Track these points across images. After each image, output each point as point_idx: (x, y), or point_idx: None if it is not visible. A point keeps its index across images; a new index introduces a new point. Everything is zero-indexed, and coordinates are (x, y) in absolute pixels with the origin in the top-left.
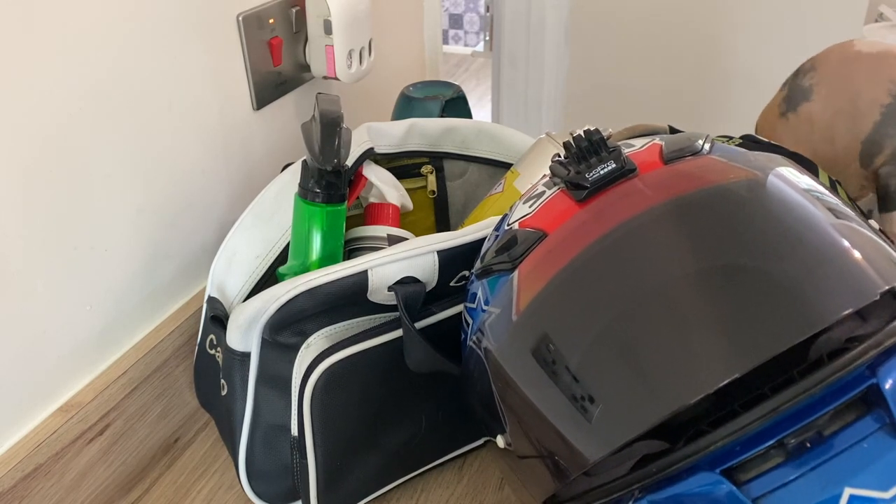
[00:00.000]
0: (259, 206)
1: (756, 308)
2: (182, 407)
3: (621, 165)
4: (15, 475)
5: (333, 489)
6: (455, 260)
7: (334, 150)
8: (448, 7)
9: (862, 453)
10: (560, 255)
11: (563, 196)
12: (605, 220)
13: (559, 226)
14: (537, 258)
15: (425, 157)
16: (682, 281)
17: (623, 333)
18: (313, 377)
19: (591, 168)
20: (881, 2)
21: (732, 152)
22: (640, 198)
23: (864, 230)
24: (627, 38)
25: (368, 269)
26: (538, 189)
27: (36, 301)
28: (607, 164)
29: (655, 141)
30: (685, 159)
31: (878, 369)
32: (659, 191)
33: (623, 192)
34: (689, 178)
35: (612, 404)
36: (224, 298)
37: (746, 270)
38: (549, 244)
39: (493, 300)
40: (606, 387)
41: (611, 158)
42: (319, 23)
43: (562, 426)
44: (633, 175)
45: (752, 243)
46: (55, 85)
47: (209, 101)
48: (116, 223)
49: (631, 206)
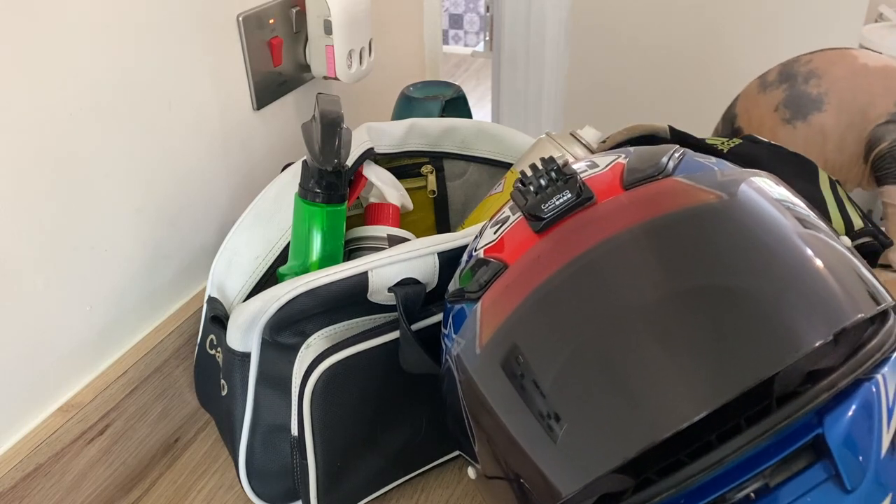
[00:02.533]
0: (259, 206)
1: (720, 339)
2: (182, 407)
3: (577, 195)
4: (15, 475)
5: (333, 489)
6: (455, 261)
7: (334, 151)
8: (448, 7)
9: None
10: (518, 289)
11: (524, 224)
12: (562, 253)
13: (518, 257)
14: (498, 290)
15: (425, 157)
16: (639, 312)
17: (580, 370)
18: (313, 377)
19: (548, 198)
20: (881, 2)
21: (699, 171)
22: (595, 228)
23: (836, 246)
24: (627, 38)
25: (369, 269)
26: (504, 213)
27: (36, 301)
28: (563, 194)
29: (620, 160)
30: (646, 183)
31: (826, 417)
32: (614, 220)
33: (579, 223)
34: (647, 205)
35: (570, 444)
36: (224, 298)
37: (707, 298)
38: (509, 276)
39: (460, 330)
40: (567, 426)
41: (566, 188)
42: (319, 23)
43: (519, 464)
44: (590, 203)
45: (711, 269)
46: (55, 85)
47: (209, 101)
48: (116, 223)
49: (587, 238)
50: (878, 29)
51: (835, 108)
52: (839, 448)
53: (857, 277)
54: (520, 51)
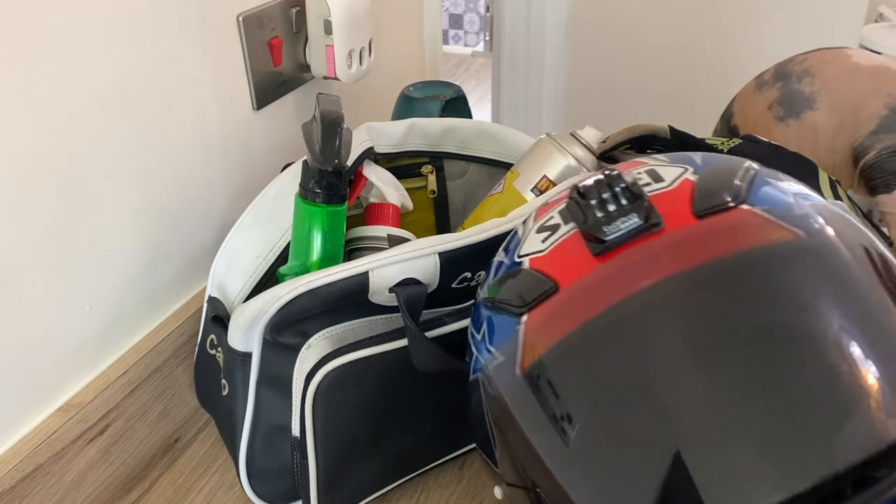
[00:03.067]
0: (259, 206)
1: (801, 416)
2: (182, 407)
3: (645, 220)
4: (15, 475)
5: (334, 490)
6: (456, 262)
7: (335, 151)
8: (448, 7)
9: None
10: (571, 316)
11: (579, 240)
12: (624, 285)
13: (573, 281)
14: (547, 313)
15: (425, 157)
16: (710, 371)
17: (631, 424)
18: (316, 378)
19: (611, 220)
20: (881, 2)
21: (775, 199)
22: (663, 261)
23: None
24: (627, 38)
25: (369, 270)
26: (552, 218)
27: (36, 301)
28: (629, 218)
29: (688, 176)
30: (720, 212)
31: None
32: (685, 254)
33: (646, 252)
34: (721, 240)
35: (607, 499)
36: (225, 298)
37: (790, 360)
38: (561, 300)
39: (497, 343)
40: (602, 480)
41: (633, 211)
42: (319, 23)
43: (549, 498)
44: (657, 229)
45: (795, 324)
46: (55, 85)
47: (209, 101)
48: (116, 223)
49: (654, 270)
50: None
51: (827, 106)
52: None
53: None
54: (520, 51)
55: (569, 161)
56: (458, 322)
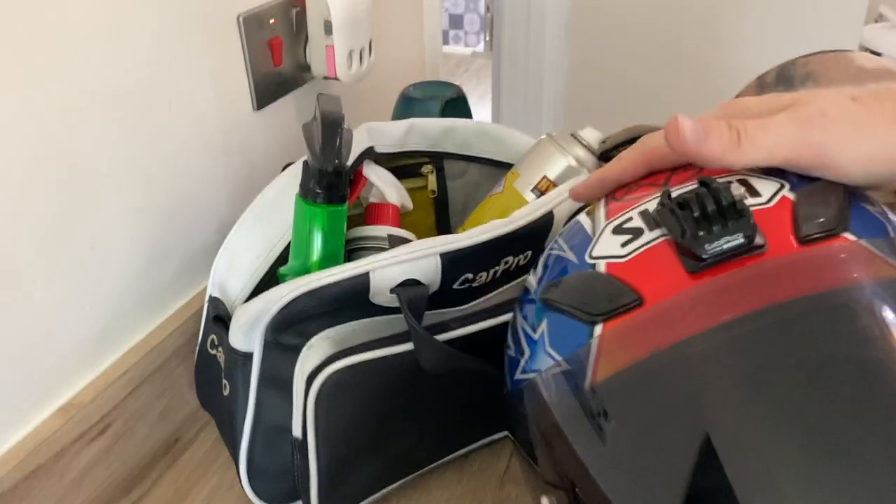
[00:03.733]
0: (259, 206)
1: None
2: (182, 407)
3: (749, 240)
4: (15, 475)
5: (334, 490)
6: (458, 263)
7: (335, 151)
8: (448, 7)
9: None
10: (659, 335)
11: (669, 251)
12: (721, 309)
13: (661, 296)
14: (629, 326)
15: (425, 157)
16: (821, 417)
17: (722, 465)
18: (319, 380)
19: (713, 238)
20: (881, 2)
21: (869, 224)
22: (768, 287)
23: None
24: (627, 38)
25: (370, 270)
26: (633, 220)
27: (36, 301)
28: (734, 238)
29: (786, 193)
30: (824, 239)
31: None
32: (790, 283)
33: (747, 276)
34: (827, 270)
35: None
36: (226, 298)
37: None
38: (647, 315)
39: (562, 349)
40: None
41: (739, 230)
42: (320, 23)
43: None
44: (760, 252)
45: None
46: (55, 85)
47: (209, 101)
48: (116, 223)
49: (757, 297)
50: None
51: None
52: None
53: None
54: (520, 51)
55: (569, 161)
56: (465, 328)
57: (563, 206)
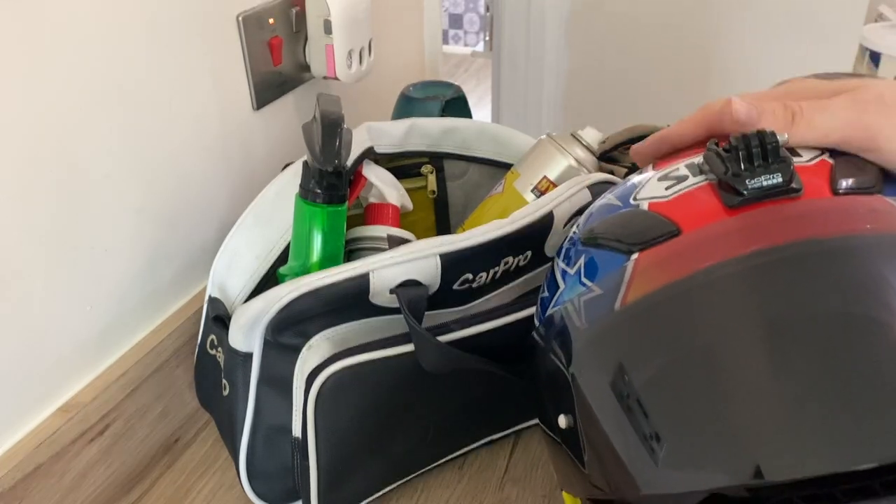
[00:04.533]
0: (259, 206)
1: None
2: (182, 407)
3: (787, 181)
4: (15, 475)
5: (334, 490)
6: (458, 263)
7: (335, 151)
8: (448, 7)
9: None
10: (691, 261)
11: (710, 192)
12: (754, 239)
13: (698, 227)
14: (663, 254)
15: (425, 157)
16: (821, 336)
17: (733, 375)
18: (319, 380)
19: (754, 175)
20: (881, 2)
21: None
22: (798, 224)
23: None
24: (627, 38)
25: (370, 271)
26: (679, 170)
27: (36, 301)
28: (774, 177)
29: (825, 158)
30: (858, 193)
31: None
32: (821, 222)
33: (781, 213)
34: (859, 217)
35: (683, 447)
36: (226, 298)
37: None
38: (681, 244)
39: (597, 277)
40: (685, 426)
41: (779, 171)
42: (319, 23)
43: (623, 444)
44: (795, 195)
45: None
46: (55, 85)
47: (209, 101)
48: (116, 223)
49: (787, 231)
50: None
51: None
52: None
53: None
54: (520, 51)
55: (569, 161)
56: (466, 330)
57: (563, 207)
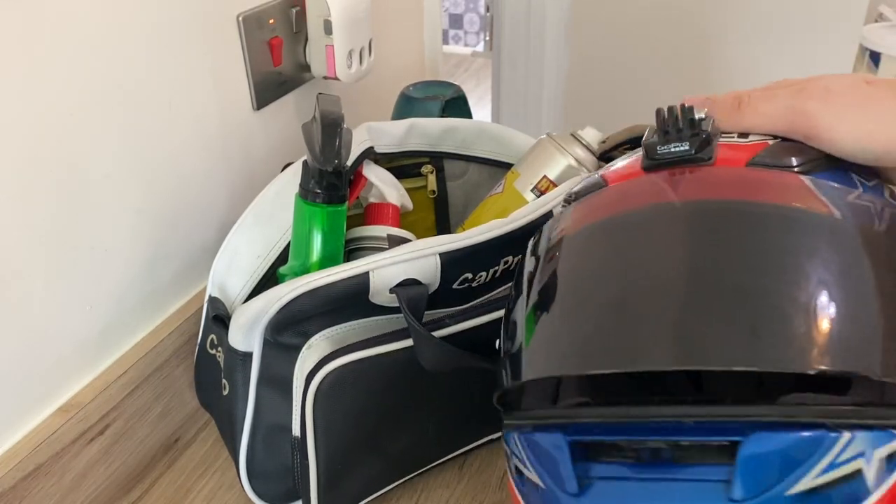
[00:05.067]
0: (259, 205)
1: (701, 323)
2: (182, 407)
3: (693, 151)
4: (15, 475)
5: (334, 490)
6: (457, 262)
7: (335, 151)
8: (448, 7)
9: (694, 491)
10: (596, 212)
11: (640, 157)
12: (645, 196)
13: (618, 183)
14: (583, 205)
15: (425, 157)
16: (662, 274)
17: (590, 294)
18: (317, 378)
19: (665, 143)
20: (881, 2)
21: (828, 186)
22: (688, 188)
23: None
24: (627, 39)
25: (370, 270)
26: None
27: (36, 301)
28: (682, 145)
29: (769, 140)
30: (771, 169)
31: (755, 433)
32: (712, 187)
33: (682, 176)
34: (754, 187)
35: (548, 341)
36: (225, 298)
37: (732, 289)
38: (598, 197)
39: (551, 221)
40: (554, 326)
41: (688, 140)
42: (319, 23)
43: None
44: (704, 163)
45: (752, 271)
46: (55, 85)
47: (209, 101)
48: (116, 223)
49: (676, 192)
50: (878, 29)
51: None
52: (744, 463)
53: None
54: (520, 51)
55: (569, 161)
56: (461, 323)
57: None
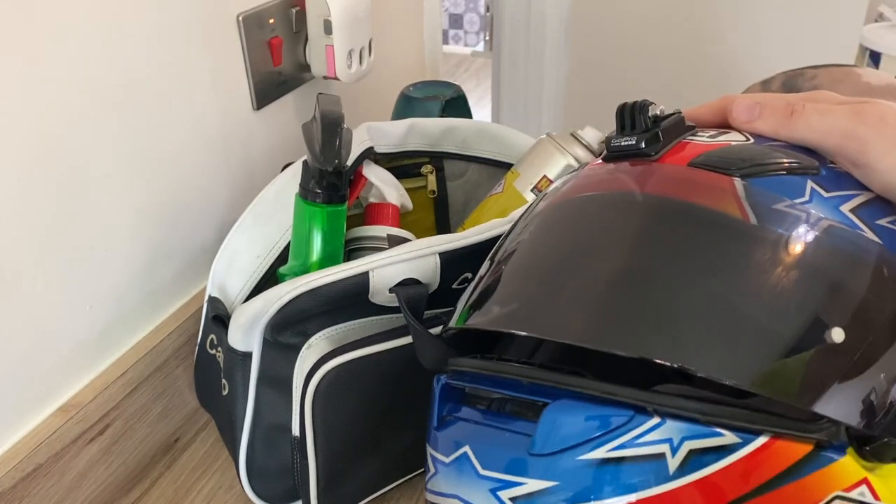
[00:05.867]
0: (259, 205)
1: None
2: (182, 407)
3: (638, 146)
4: (15, 475)
5: (334, 489)
6: (457, 262)
7: (335, 151)
8: (448, 7)
9: (510, 441)
10: (553, 194)
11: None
12: (588, 185)
13: (582, 172)
14: (552, 188)
15: (425, 157)
16: (557, 254)
17: (529, 262)
18: (316, 378)
19: (618, 137)
20: (881, 2)
21: (778, 189)
22: (620, 179)
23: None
24: (627, 39)
25: (370, 270)
26: None
27: (36, 301)
28: (630, 140)
29: (734, 140)
30: (711, 171)
31: (558, 400)
32: (640, 182)
33: (621, 170)
34: (680, 186)
35: (464, 301)
36: (225, 298)
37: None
38: (562, 182)
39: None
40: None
41: (636, 135)
42: (319, 23)
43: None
44: (648, 158)
45: (636, 258)
46: (55, 85)
47: (209, 101)
48: (116, 223)
49: (612, 183)
50: (878, 29)
51: None
52: (544, 422)
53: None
54: (520, 51)
55: (569, 161)
56: None
57: None
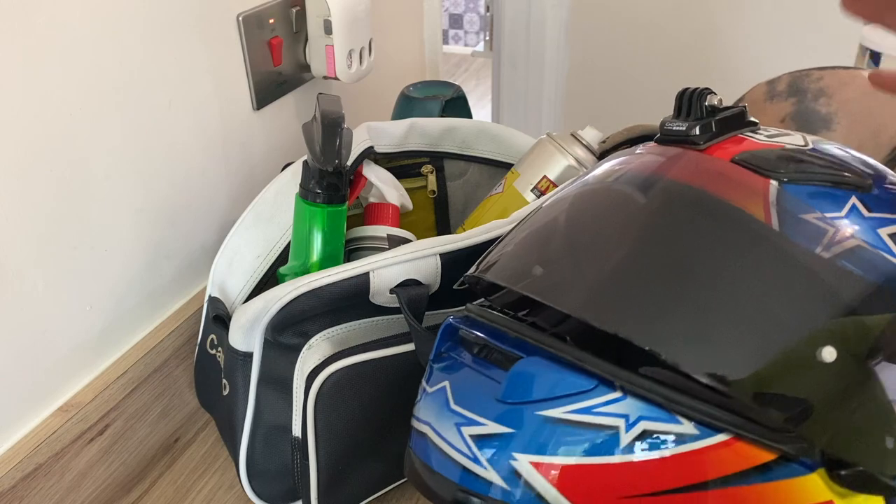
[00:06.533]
0: (259, 205)
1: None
2: (182, 407)
3: (686, 134)
4: (15, 475)
5: (334, 490)
6: (457, 263)
7: (335, 151)
8: (448, 7)
9: (484, 385)
10: (595, 170)
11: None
12: (628, 166)
13: (637, 153)
14: (595, 166)
15: (425, 157)
16: (607, 229)
17: (530, 228)
18: (319, 380)
19: (672, 122)
20: None
21: (811, 197)
22: (666, 167)
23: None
24: (627, 39)
25: (370, 270)
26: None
27: (36, 301)
28: (681, 125)
29: (795, 142)
30: (753, 171)
31: (534, 357)
32: (683, 171)
33: (668, 155)
34: (718, 181)
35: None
36: (226, 298)
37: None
38: (628, 159)
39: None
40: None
41: (687, 122)
42: (319, 23)
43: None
44: (694, 147)
45: (679, 252)
46: (55, 85)
47: (209, 101)
48: (116, 223)
49: (645, 166)
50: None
51: (845, 128)
52: (512, 373)
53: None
54: (520, 51)
55: (569, 161)
56: None
57: None
